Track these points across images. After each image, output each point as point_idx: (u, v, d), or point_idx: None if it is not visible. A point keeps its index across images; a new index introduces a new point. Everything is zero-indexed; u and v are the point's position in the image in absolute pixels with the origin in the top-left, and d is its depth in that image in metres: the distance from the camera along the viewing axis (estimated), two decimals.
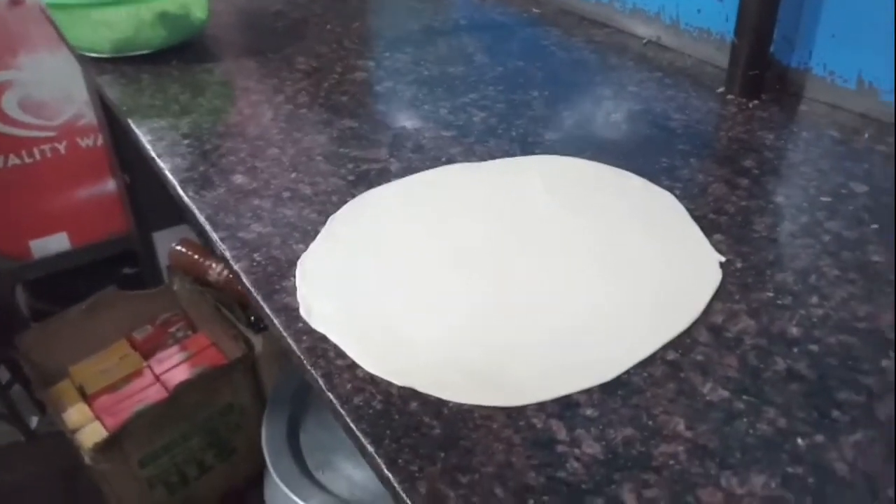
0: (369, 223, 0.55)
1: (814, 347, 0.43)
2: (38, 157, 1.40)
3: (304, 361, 0.43)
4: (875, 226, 0.53)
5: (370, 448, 0.38)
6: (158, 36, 0.86)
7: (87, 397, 1.05)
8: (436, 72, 0.83)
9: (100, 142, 1.44)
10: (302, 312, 0.47)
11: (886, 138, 0.65)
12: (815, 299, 0.47)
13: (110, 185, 1.47)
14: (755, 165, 0.62)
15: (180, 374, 1.06)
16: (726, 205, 0.57)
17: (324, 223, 0.56)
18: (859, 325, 0.45)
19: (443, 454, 0.37)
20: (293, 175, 0.63)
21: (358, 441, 0.39)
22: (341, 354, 0.43)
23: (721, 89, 0.75)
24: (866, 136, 0.66)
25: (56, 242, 1.47)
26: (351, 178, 0.62)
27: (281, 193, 0.60)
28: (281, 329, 0.46)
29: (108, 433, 0.96)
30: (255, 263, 0.52)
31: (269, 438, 0.91)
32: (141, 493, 1.03)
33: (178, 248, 1.21)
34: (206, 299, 1.14)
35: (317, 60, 0.87)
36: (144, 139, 0.70)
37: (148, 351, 1.14)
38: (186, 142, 0.69)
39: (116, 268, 1.59)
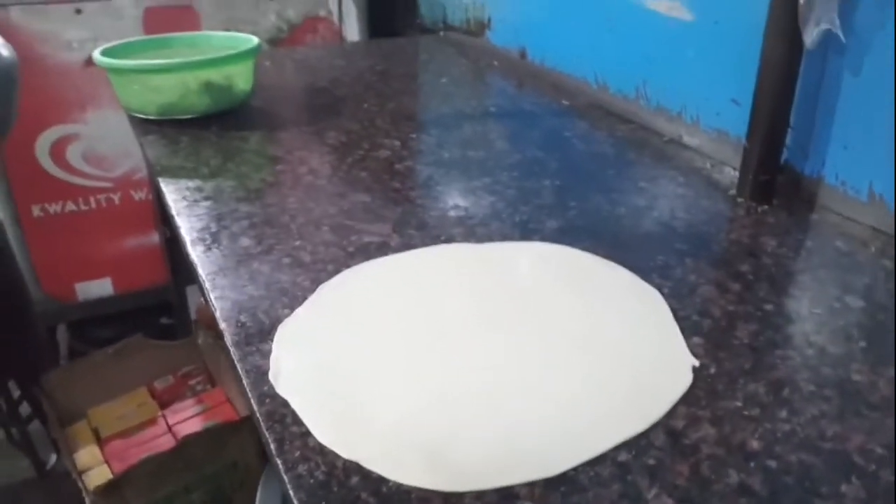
0: (356, 294, 0.57)
1: (771, 463, 0.42)
2: (93, 205, 1.49)
3: (261, 423, 0.45)
4: (863, 343, 0.52)
5: None
6: (202, 103, 0.92)
7: (100, 440, 1.08)
8: (456, 155, 0.86)
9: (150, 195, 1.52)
10: (270, 376, 0.48)
11: (891, 252, 0.64)
12: (783, 413, 0.46)
13: (155, 237, 1.54)
14: (751, 271, 0.61)
15: (192, 427, 1.08)
16: (713, 308, 0.56)
17: (314, 290, 0.58)
18: (825, 444, 0.43)
19: None
20: (297, 242, 0.65)
21: (274, 492, 0.39)
22: (298, 421, 0.45)
23: (732, 192, 0.76)
24: (873, 249, 0.65)
25: (99, 287, 1.54)
26: (350, 249, 0.64)
27: (281, 259, 0.62)
28: (248, 389, 0.47)
29: (111, 477, 0.98)
30: (239, 324, 0.54)
31: (263, 500, 0.91)
32: None
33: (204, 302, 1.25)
34: (226, 355, 1.16)
35: (346, 136, 0.91)
36: (169, 197, 0.74)
37: (166, 401, 1.17)
38: (206, 203, 0.73)
39: (155, 317, 1.65)
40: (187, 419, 1.10)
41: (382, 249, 0.64)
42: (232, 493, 1.11)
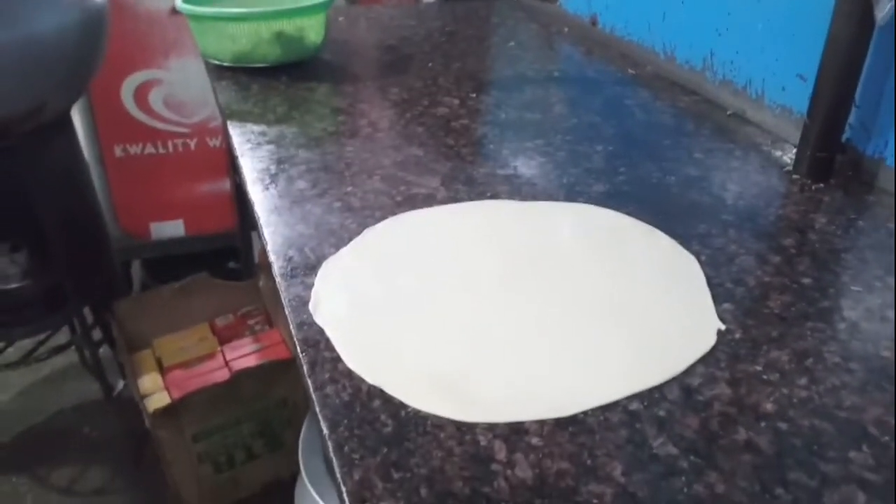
0: (397, 240, 0.60)
1: (782, 425, 0.43)
2: (170, 149, 1.56)
3: (297, 347, 0.48)
4: None
5: (325, 431, 0.41)
6: (274, 52, 0.96)
7: (162, 368, 1.15)
8: (513, 116, 0.87)
9: (224, 143, 1.58)
10: (310, 306, 0.51)
11: None
12: (803, 381, 0.46)
13: (227, 183, 1.60)
14: (794, 245, 0.61)
15: (246, 363, 1.14)
16: (748, 277, 0.56)
17: (360, 233, 0.60)
18: (840, 413, 0.44)
19: (385, 449, 0.40)
20: (349, 188, 0.68)
21: (317, 431, 0.42)
22: (330, 348, 0.48)
23: (789, 168, 0.75)
24: None
25: (173, 228, 1.62)
26: (398, 198, 0.67)
27: (332, 203, 0.65)
28: (288, 316, 0.51)
29: (169, 402, 1.05)
30: (287, 258, 0.57)
31: (306, 439, 0.96)
32: (191, 465, 1.11)
33: None
34: None
35: (408, 93, 0.93)
36: (235, 139, 0.78)
37: (226, 337, 1.23)
38: (269, 147, 0.76)
39: (224, 261, 1.73)
40: (243, 356, 1.16)
41: (428, 201, 0.66)
42: (280, 429, 1.18)
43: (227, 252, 1.69)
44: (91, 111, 1.48)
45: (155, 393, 1.09)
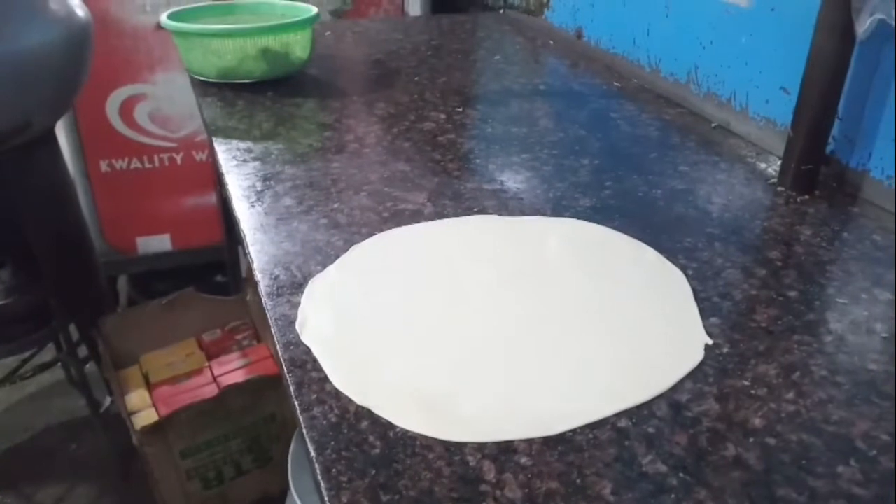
0: (384, 257, 0.59)
1: (771, 441, 0.43)
2: (157, 163, 1.56)
3: (284, 367, 0.48)
4: (884, 335, 0.52)
5: (312, 454, 0.41)
6: (259, 68, 0.96)
7: (149, 385, 1.14)
8: (499, 130, 0.87)
9: (210, 157, 1.57)
10: (297, 325, 0.51)
11: None
12: (791, 395, 0.46)
13: (213, 197, 1.60)
14: (780, 258, 0.61)
15: (235, 378, 1.13)
16: (734, 291, 0.57)
17: (346, 250, 0.60)
18: (828, 427, 0.44)
19: (374, 471, 0.40)
20: (336, 205, 0.68)
21: (306, 446, 0.42)
22: (318, 368, 0.47)
23: (774, 180, 0.75)
24: None
25: (159, 242, 1.61)
26: (385, 214, 0.66)
27: (319, 220, 0.65)
28: (275, 335, 0.50)
29: (157, 419, 1.04)
30: (273, 276, 0.57)
31: (295, 454, 0.96)
32: (179, 481, 1.10)
33: None
34: None
35: (395, 108, 0.94)
36: (220, 156, 0.78)
37: (213, 353, 1.23)
38: (255, 164, 0.76)
39: (211, 275, 1.72)
40: (231, 371, 1.16)
41: (415, 217, 0.66)
42: (268, 444, 1.17)
43: (215, 266, 1.68)
44: (76, 126, 1.48)
45: (142, 410, 1.08)
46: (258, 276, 0.57)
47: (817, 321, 0.53)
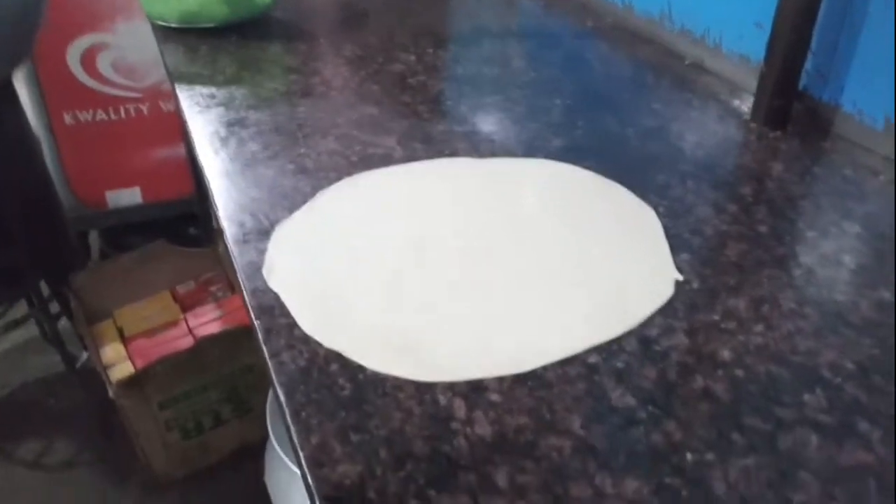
0: (353, 201, 0.58)
1: (739, 372, 0.43)
2: (122, 115, 1.51)
3: (252, 314, 0.47)
4: (852, 266, 0.52)
5: (282, 398, 0.41)
6: (222, 11, 0.92)
7: (124, 339, 1.13)
8: (471, 71, 0.85)
9: None
10: (264, 271, 0.50)
11: None
12: (759, 328, 0.46)
13: (183, 148, 1.56)
14: (751, 194, 0.61)
15: (210, 329, 1.13)
16: (705, 227, 0.56)
17: (314, 196, 0.59)
18: (795, 358, 0.44)
19: (344, 413, 0.40)
20: (302, 150, 0.66)
21: (275, 391, 0.42)
22: (286, 314, 0.47)
23: (747, 117, 0.75)
24: (881, 178, 0.64)
25: (129, 196, 1.58)
26: (354, 159, 0.65)
27: (285, 165, 0.64)
28: (242, 282, 0.50)
29: (132, 372, 1.03)
30: (239, 223, 0.56)
31: (274, 403, 0.96)
32: (158, 433, 1.10)
33: None
34: None
35: (363, 50, 0.91)
36: (183, 103, 0.76)
37: (188, 305, 1.22)
38: (218, 109, 0.74)
39: (185, 227, 1.69)
40: (207, 322, 1.15)
41: (385, 161, 0.65)
42: (247, 394, 1.17)
43: (188, 218, 1.65)
44: (36, 78, 1.43)
45: (118, 363, 1.08)
46: (224, 223, 0.56)
47: (787, 255, 0.54)
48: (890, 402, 0.41)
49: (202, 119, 0.72)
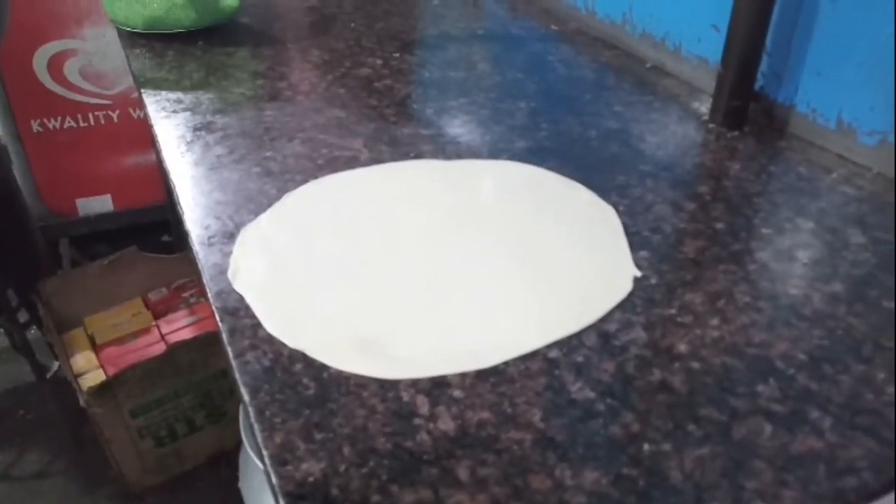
0: (318, 203, 0.59)
1: (695, 365, 0.44)
2: (92, 122, 1.50)
3: (217, 315, 0.47)
4: (805, 261, 0.54)
5: (245, 397, 0.41)
6: (188, 17, 0.92)
7: (96, 346, 1.13)
8: (437, 75, 0.86)
9: None
10: (229, 274, 0.51)
11: (855, 180, 0.65)
12: (715, 321, 0.48)
13: (154, 155, 1.56)
14: (709, 192, 0.63)
15: (182, 336, 1.12)
16: (664, 225, 0.58)
17: (279, 199, 0.60)
18: (749, 350, 0.45)
19: (307, 412, 0.40)
20: (268, 153, 0.67)
21: (239, 390, 0.42)
22: (250, 315, 0.47)
23: (706, 118, 0.76)
24: (834, 175, 0.66)
25: (100, 203, 1.57)
26: (320, 162, 0.66)
27: (251, 168, 0.64)
28: (207, 284, 0.50)
29: (104, 379, 1.03)
30: (205, 226, 0.56)
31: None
32: (130, 441, 1.09)
33: None
34: None
35: (330, 54, 0.92)
36: (149, 108, 0.76)
37: (160, 312, 1.21)
38: (185, 114, 0.74)
39: (158, 235, 1.68)
40: (179, 329, 1.15)
41: (351, 163, 0.66)
42: (221, 400, 1.17)
43: (160, 225, 1.64)
44: (2, 85, 1.41)
45: (89, 371, 1.07)
46: (189, 225, 0.57)
47: (742, 250, 0.55)
48: (840, 390, 0.43)
49: (168, 124, 0.72)
